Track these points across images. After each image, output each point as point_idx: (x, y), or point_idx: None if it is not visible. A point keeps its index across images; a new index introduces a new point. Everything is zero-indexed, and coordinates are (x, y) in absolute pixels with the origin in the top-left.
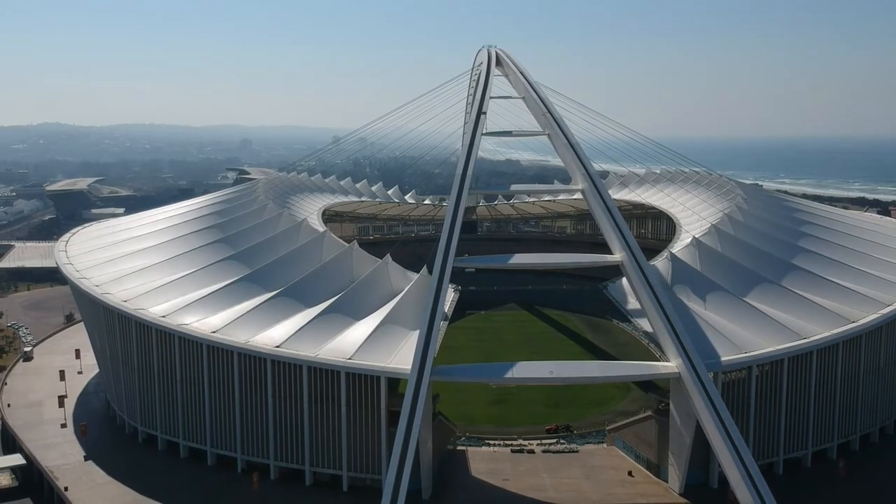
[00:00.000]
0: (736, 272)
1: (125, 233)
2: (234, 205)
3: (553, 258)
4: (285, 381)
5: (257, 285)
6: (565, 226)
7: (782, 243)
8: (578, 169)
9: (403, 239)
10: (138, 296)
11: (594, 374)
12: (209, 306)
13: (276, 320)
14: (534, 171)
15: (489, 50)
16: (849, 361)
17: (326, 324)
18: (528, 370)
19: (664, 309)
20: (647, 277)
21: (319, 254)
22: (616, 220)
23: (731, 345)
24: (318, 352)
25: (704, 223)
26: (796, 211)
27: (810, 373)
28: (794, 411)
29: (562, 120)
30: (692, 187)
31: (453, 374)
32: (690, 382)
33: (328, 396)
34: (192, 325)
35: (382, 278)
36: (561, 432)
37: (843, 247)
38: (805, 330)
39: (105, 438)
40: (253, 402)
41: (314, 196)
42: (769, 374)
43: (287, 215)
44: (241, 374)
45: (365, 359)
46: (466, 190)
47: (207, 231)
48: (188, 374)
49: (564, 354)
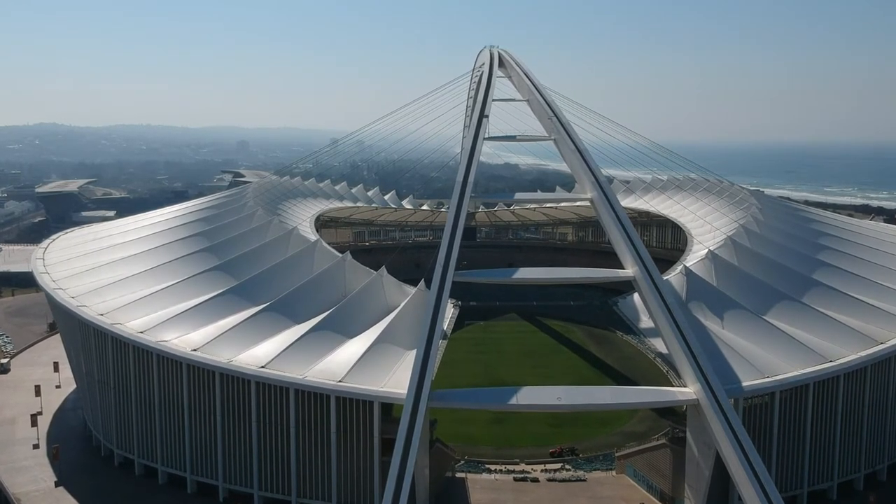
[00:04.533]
0: (754, 288)
1: (108, 239)
2: (221, 211)
3: (561, 273)
4: (271, 404)
5: (243, 299)
6: (567, 232)
7: (801, 257)
8: (587, 176)
9: (400, 245)
10: (116, 309)
11: (606, 400)
12: (191, 321)
13: (261, 337)
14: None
15: (491, 50)
16: (877, 385)
17: (316, 342)
18: (535, 396)
19: (681, 330)
20: (662, 296)
21: (310, 265)
22: (628, 232)
23: (753, 368)
24: (307, 373)
25: (718, 234)
26: (813, 222)
27: (837, 398)
28: (820, 440)
29: (569, 124)
30: (702, 195)
31: (453, 400)
32: (710, 410)
33: (317, 422)
34: (171, 342)
35: (377, 292)
36: (566, 455)
37: (865, 260)
38: (830, 352)
39: (79, 461)
40: (236, 426)
41: (307, 201)
42: (793, 399)
43: (277, 223)
44: (224, 396)
45: (357, 381)
46: (467, 198)
47: (192, 239)
48: (167, 394)
49: (568, 368)
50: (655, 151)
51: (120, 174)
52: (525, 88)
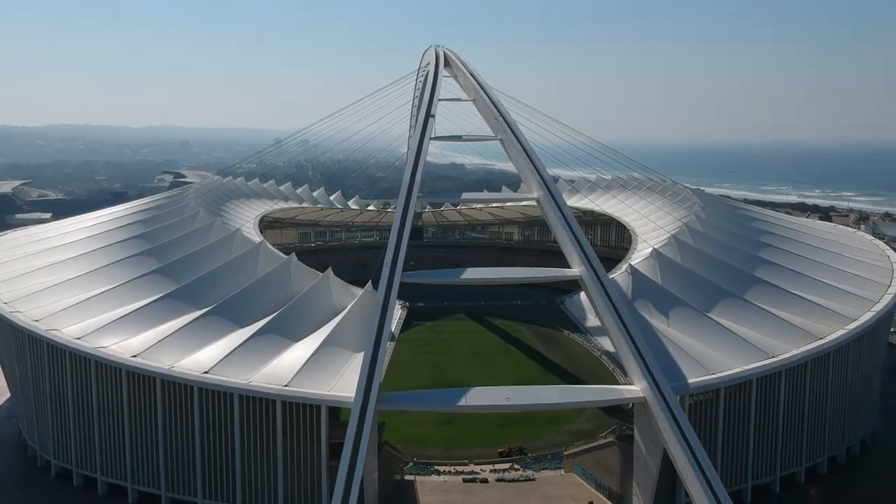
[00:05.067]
0: (698, 286)
1: (43, 242)
2: (162, 212)
3: (508, 273)
4: (214, 410)
5: (185, 303)
6: (513, 232)
7: (743, 254)
8: (533, 176)
9: (347, 246)
10: (52, 314)
11: (554, 399)
12: (130, 326)
13: (204, 342)
14: (479, 175)
15: (437, 50)
16: (817, 380)
17: (261, 346)
18: (483, 397)
19: (628, 329)
20: (609, 295)
21: (255, 267)
22: (574, 231)
23: (698, 365)
24: (251, 378)
25: (662, 232)
26: (754, 220)
27: (779, 393)
28: (763, 434)
29: (515, 124)
30: (646, 194)
31: (401, 403)
32: (657, 408)
33: (262, 427)
34: (110, 348)
35: (323, 294)
36: (514, 455)
37: (804, 257)
38: (772, 348)
39: (13, 472)
40: (178, 433)
41: (251, 202)
42: (737, 395)
43: (220, 224)
44: (165, 403)
45: (303, 386)
46: (414, 198)
47: (132, 241)
48: (106, 402)
49: (516, 368)
50: (600, 151)
51: (57, 175)
52: (471, 88)
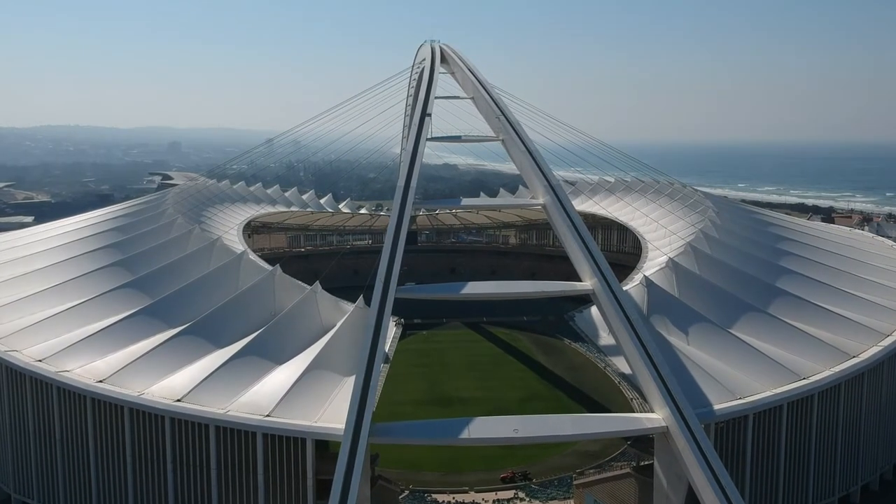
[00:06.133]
0: (718, 298)
1: (9, 252)
2: (138, 219)
3: (512, 287)
4: (188, 443)
5: (158, 320)
6: (510, 235)
7: (763, 263)
8: (539, 180)
9: (338, 251)
10: (13, 333)
11: (567, 431)
12: (98, 347)
13: (178, 365)
14: (472, 175)
15: (432, 45)
16: (850, 402)
17: (240, 369)
18: (489, 428)
19: (647, 349)
20: (625, 311)
21: (235, 280)
22: (585, 241)
23: (724, 389)
24: (229, 406)
25: (675, 239)
26: (770, 225)
27: (811, 418)
28: (793, 464)
29: (518, 124)
30: (654, 197)
31: (397, 435)
32: (682, 438)
33: (241, 462)
34: (74, 372)
35: (310, 311)
36: (518, 480)
37: (826, 265)
38: (802, 368)
39: None
40: (149, 468)
41: (237, 207)
42: (767, 422)
43: (199, 232)
44: (134, 434)
45: (287, 415)
46: (410, 205)
47: (103, 251)
48: (70, 431)
49: (516, 381)
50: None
51: (44, 176)
52: (469, 85)
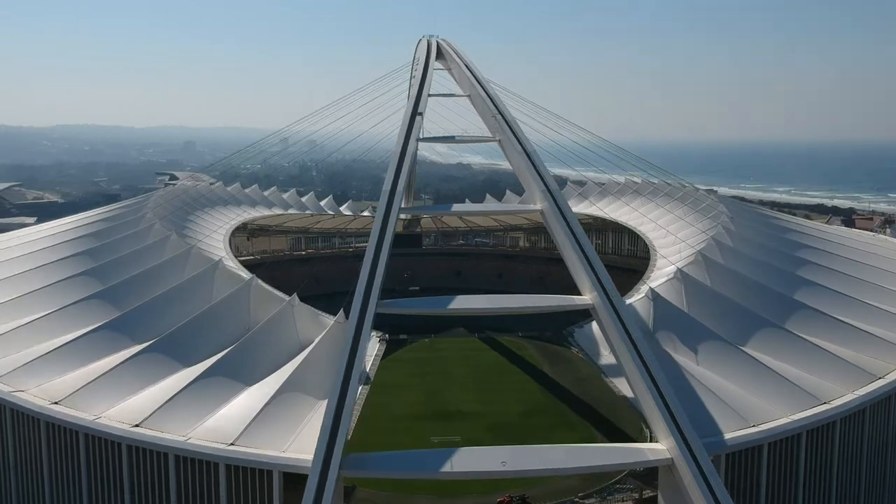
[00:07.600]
0: (731, 313)
1: None
2: (115, 224)
3: (505, 302)
4: (147, 472)
5: (123, 335)
6: (518, 237)
7: (781, 274)
8: (536, 184)
9: (339, 254)
10: None
11: (560, 464)
12: (57, 364)
13: (140, 385)
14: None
15: (429, 40)
16: (876, 429)
17: (207, 391)
18: (474, 460)
19: (651, 372)
20: (627, 329)
21: (209, 291)
22: (586, 251)
23: (735, 415)
24: (190, 433)
25: (685, 247)
26: (788, 231)
27: (833, 447)
28: (813, 498)
29: (515, 123)
30: (663, 201)
31: (372, 467)
32: (688, 473)
33: (203, 494)
34: (28, 392)
35: (286, 325)
36: None
37: (850, 276)
38: (823, 391)
39: None
40: (106, 497)
41: (228, 210)
42: (783, 451)
43: (175, 238)
44: (90, 462)
45: (253, 444)
46: (396, 211)
47: (73, 260)
48: (24, 457)
49: (519, 393)
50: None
51: (59, 176)
52: (466, 82)
